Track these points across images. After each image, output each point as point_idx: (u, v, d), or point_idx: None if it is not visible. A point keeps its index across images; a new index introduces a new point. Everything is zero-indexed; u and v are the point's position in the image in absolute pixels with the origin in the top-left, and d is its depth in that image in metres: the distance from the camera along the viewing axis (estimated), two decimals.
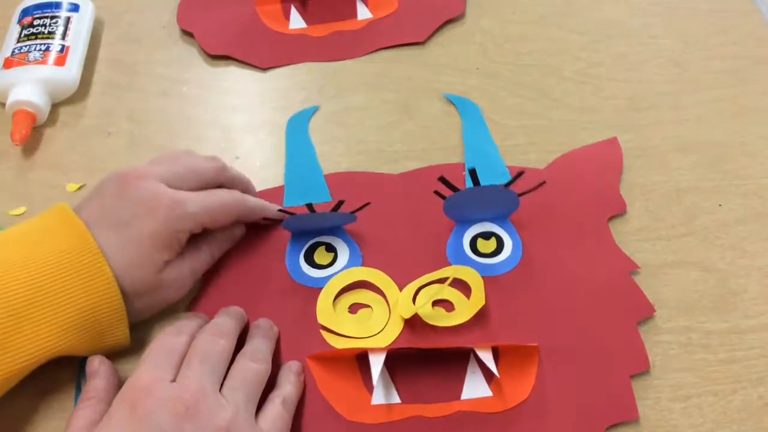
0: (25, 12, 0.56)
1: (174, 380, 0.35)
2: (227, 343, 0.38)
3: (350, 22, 0.58)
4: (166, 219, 0.39)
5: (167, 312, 0.42)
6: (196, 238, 0.41)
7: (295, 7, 0.59)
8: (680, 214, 0.46)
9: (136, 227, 0.38)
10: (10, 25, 0.56)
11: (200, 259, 0.42)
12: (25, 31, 0.55)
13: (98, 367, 0.38)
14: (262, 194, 0.47)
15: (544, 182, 0.43)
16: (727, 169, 0.48)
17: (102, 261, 0.37)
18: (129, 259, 0.38)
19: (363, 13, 0.58)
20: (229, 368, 0.37)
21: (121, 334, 0.39)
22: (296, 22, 0.58)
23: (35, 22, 0.55)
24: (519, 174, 0.42)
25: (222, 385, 0.36)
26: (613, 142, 0.49)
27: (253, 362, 0.37)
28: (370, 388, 0.39)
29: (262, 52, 0.56)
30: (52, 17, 0.56)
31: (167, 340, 0.37)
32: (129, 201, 0.39)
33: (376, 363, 0.37)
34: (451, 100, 0.53)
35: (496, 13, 0.59)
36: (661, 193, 0.47)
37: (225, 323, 0.39)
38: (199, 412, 0.33)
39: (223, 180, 0.43)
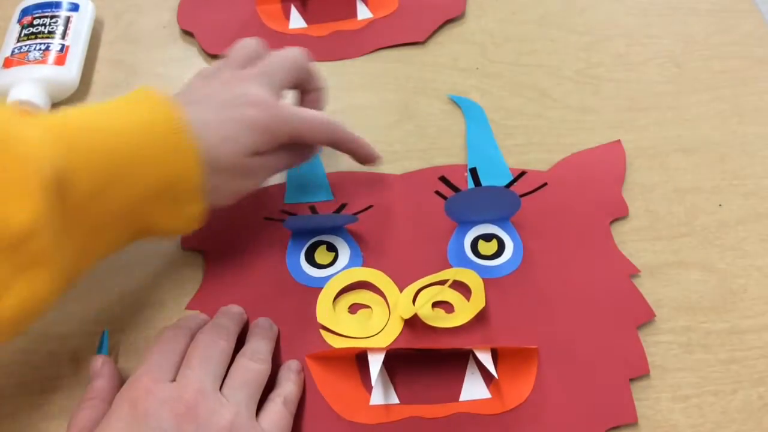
0: (25, 11, 0.56)
1: (174, 380, 0.35)
2: (227, 344, 0.38)
3: (350, 21, 0.58)
4: (270, 116, 0.40)
5: (167, 312, 0.43)
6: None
7: (295, 6, 0.59)
8: (680, 214, 0.46)
9: (239, 110, 0.39)
10: (10, 25, 0.56)
11: (279, 160, 0.42)
12: (25, 31, 0.55)
13: (101, 368, 0.38)
14: (264, 191, 0.47)
15: (546, 184, 0.43)
16: (727, 169, 0.48)
17: (186, 131, 0.37)
18: (223, 134, 0.39)
19: (363, 12, 0.58)
20: (229, 368, 0.37)
21: (197, 207, 0.39)
22: (296, 21, 0.58)
23: (35, 22, 0.55)
24: (520, 174, 0.42)
25: (222, 385, 0.36)
26: (616, 145, 0.49)
27: (253, 362, 0.37)
28: (368, 388, 0.39)
29: None
30: (52, 17, 0.56)
31: (167, 340, 0.37)
32: (237, 92, 0.40)
33: (375, 363, 0.37)
34: (455, 101, 0.53)
35: (496, 13, 0.58)
36: (661, 193, 0.47)
37: (225, 323, 0.39)
38: (199, 412, 0.33)
39: (307, 80, 0.46)
